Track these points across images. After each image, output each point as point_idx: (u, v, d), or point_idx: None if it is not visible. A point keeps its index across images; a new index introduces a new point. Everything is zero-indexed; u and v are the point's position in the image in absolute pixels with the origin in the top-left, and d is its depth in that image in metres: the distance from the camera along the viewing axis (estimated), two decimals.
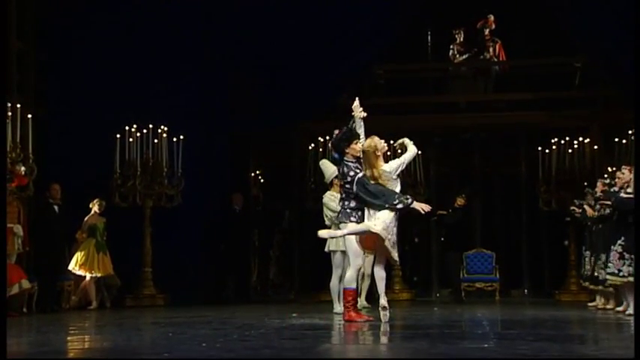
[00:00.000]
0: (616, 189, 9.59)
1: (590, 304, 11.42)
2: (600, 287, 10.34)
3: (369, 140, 8.13)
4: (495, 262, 14.65)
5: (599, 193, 10.39)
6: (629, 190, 9.16)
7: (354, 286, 8.28)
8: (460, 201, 13.88)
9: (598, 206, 10.19)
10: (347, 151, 8.12)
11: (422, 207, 7.97)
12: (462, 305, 12.31)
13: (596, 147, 13.80)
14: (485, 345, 5.83)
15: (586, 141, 13.81)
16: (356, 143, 8.11)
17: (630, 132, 12.99)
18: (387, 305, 8.01)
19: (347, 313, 8.20)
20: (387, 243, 7.81)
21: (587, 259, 11.01)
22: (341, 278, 9.80)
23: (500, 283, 14.54)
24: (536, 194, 14.10)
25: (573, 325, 8.42)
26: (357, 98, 8.44)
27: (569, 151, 13.73)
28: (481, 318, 9.15)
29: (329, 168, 10.18)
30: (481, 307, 11.59)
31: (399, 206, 7.82)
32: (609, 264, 9.37)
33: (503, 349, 5.53)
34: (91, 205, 12.29)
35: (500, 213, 16.11)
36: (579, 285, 12.63)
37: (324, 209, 9.98)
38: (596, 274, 10.30)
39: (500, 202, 16.14)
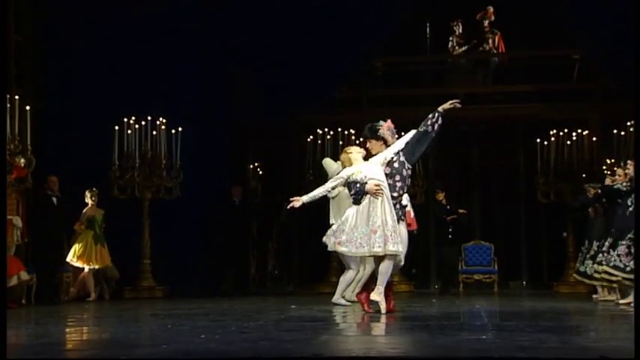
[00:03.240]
0: (619, 186, 9.56)
1: (594, 295, 11.37)
2: (604, 277, 10.21)
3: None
4: (494, 254, 14.66)
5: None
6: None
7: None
8: (440, 195, 13.91)
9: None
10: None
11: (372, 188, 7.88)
12: (459, 297, 12.32)
13: (594, 139, 13.81)
14: (484, 336, 5.84)
15: (584, 133, 13.82)
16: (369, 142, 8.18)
17: (629, 124, 13.00)
18: (379, 299, 7.93)
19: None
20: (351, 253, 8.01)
21: (594, 248, 10.84)
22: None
23: (499, 274, 14.54)
24: (534, 186, 14.12)
25: (572, 316, 8.43)
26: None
27: (568, 143, 13.74)
28: (479, 310, 9.15)
29: (331, 166, 10.23)
30: (479, 298, 11.60)
31: (354, 196, 7.94)
32: (620, 259, 9.29)
33: (502, 340, 5.53)
34: (86, 199, 12.30)
35: (498, 205, 16.12)
36: (576, 278, 12.61)
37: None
38: (599, 260, 10.16)
39: (498, 194, 16.15)
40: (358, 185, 7.90)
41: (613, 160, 12.84)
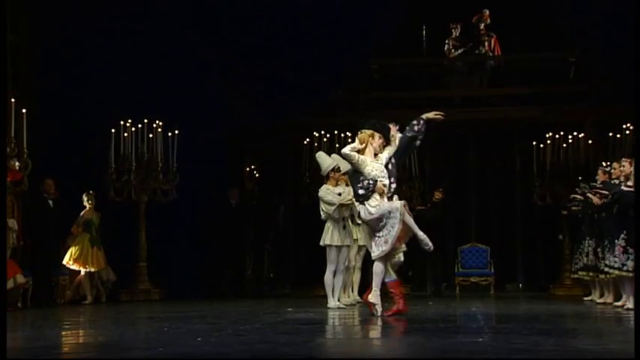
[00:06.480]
0: (616, 181, 9.54)
1: (585, 298, 11.41)
2: (602, 276, 10.20)
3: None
4: (490, 257, 14.68)
5: (600, 181, 10.31)
6: (630, 183, 9.12)
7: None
8: (438, 195, 13.93)
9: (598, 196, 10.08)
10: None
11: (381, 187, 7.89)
12: (455, 300, 12.32)
13: (590, 141, 13.83)
14: (480, 339, 5.84)
15: (580, 135, 13.84)
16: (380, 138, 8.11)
17: (624, 126, 13.02)
18: (375, 301, 7.98)
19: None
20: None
21: (586, 248, 10.82)
22: (335, 273, 9.81)
23: (495, 277, 14.56)
24: (530, 189, 14.13)
25: (568, 318, 8.44)
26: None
27: (564, 145, 13.77)
28: (476, 312, 9.16)
29: (325, 161, 10.09)
30: (476, 301, 11.61)
31: (360, 192, 7.91)
32: (615, 258, 9.26)
33: (498, 343, 5.54)
34: (84, 202, 12.30)
35: (494, 207, 16.14)
36: (574, 279, 12.63)
37: (321, 203, 9.92)
38: (598, 263, 10.16)
39: (494, 196, 16.17)
40: (371, 182, 7.90)
41: (608, 163, 12.85)
